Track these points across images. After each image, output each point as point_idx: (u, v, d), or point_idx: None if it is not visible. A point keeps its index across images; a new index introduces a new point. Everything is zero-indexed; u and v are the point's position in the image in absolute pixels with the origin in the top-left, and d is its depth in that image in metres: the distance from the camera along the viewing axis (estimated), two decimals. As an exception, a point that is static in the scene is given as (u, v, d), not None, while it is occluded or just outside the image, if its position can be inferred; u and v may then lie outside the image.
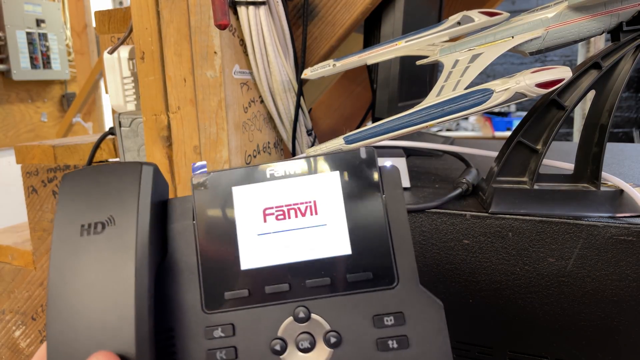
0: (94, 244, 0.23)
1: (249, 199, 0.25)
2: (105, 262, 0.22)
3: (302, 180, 0.25)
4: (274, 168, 0.25)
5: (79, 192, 0.24)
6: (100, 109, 2.17)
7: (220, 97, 0.53)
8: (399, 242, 0.24)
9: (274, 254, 0.24)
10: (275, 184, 0.25)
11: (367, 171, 0.25)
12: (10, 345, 0.79)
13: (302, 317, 0.23)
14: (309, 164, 0.25)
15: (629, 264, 0.37)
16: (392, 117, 0.40)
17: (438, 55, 0.45)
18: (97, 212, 0.23)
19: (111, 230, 0.23)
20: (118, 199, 0.24)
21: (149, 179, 0.24)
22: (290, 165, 0.25)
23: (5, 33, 1.93)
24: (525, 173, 0.42)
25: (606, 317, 0.38)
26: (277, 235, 0.25)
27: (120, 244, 0.23)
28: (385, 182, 0.25)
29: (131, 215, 0.23)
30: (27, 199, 0.74)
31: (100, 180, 0.24)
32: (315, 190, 0.25)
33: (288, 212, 0.25)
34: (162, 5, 0.53)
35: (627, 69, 0.39)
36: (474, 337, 0.43)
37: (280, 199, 0.25)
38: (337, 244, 0.24)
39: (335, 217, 0.24)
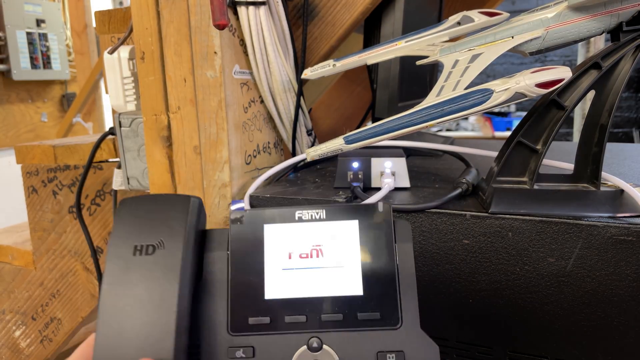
0: (145, 264, 0.26)
1: (278, 236, 0.28)
2: (153, 280, 0.25)
3: (325, 225, 0.28)
4: (302, 212, 0.29)
5: (134, 216, 0.28)
6: (100, 109, 2.17)
7: (220, 97, 0.53)
8: (406, 288, 0.27)
9: (295, 288, 0.27)
10: (302, 226, 0.29)
11: (383, 223, 0.28)
12: (11, 345, 0.79)
13: (315, 346, 0.26)
14: (332, 211, 0.29)
15: (629, 264, 0.37)
16: (392, 117, 0.40)
17: (438, 55, 0.45)
18: (150, 235, 0.27)
19: (161, 253, 0.26)
20: (169, 226, 0.27)
21: (195, 211, 0.28)
22: (317, 210, 0.29)
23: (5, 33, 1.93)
24: (525, 173, 0.42)
25: (606, 317, 0.38)
26: (299, 272, 0.28)
27: (168, 266, 0.26)
28: (398, 235, 0.28)
29: (179, 241, 0.26)
30: (27, 199, 0.74)
31: (154, 207, 0.28)
32: (335, 235, 0.28)
33: (311, 252, 0.28)
34: (162, 6, 0.53)
35: (627, 69, 0.39)
36: (473, 337, 0.43)
37: (305, 240, 0.28)
38: (351, 284, 0.27)
39: (351, 261, 0.28)
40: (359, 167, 0.49)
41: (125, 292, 0.25)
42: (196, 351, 0.26)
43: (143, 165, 0.62)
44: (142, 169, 0.63)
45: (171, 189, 0.58)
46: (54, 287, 0.75)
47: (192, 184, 0.56)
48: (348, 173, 0.50)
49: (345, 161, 0.50)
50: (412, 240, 0.28)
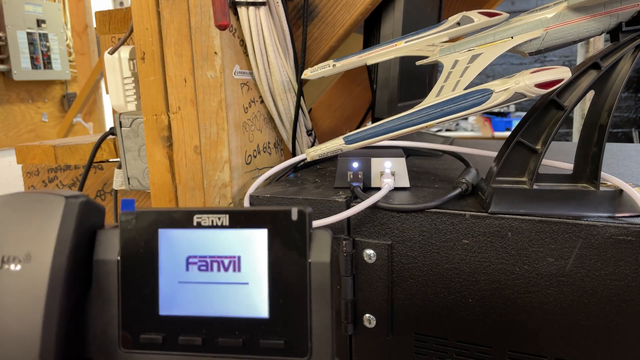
0: (11, 279, 0.23)
1: (174, 243, 0.25)
2: (19, 299, 0.23)
3: (229, 233, 0.24)
4: (201, 216, 0.24)
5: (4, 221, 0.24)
6: (100, 109, 2.18)
7: (221, 98, 0.53)
8: (319, 313, 0.23)
9: (192, 305, 0.24)
10: (203, 233, 0.24)
11: (296, 234, 0.24)
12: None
13: None
14: (238, 217, 0.24)
15: (628, 264, 0.37)
16: (392, 117, 0.40)
17: (438, 55, 0.45)
18: (17, 246, 0.23)
19: (27, 268, 0.23)
20: (37, 235, 0.24)
21: (73, 215, 0.24)
22: (219, 215, 0.24)
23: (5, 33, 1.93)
24: (524, 173, 0.42)
25: (605, 317, 0.38)
26: (197, 286, 0.24)
27: (34, 285, 0.23)
28: (314, 248, 0.24)
29: (47, 255, 0.23)
30: (27, 199, 0.74)
31: (24, 210, 0.24)
32: (241, 245, 0.24)
33: (211, 264, 0.24)
34: (163, 6, 0.53)
35: (626, 69, 0.39)
36: (473, 337, 0.43)
37: (205, 249, 0.24)
38: (255, 305, 0.24)
39: (257, 277, 0.24)
40: (358, 167, 0.49)
41: None
42: None
43: (143, 165, 0.62)
44: (143, 169, 0.63)
45: (171, 189, 0.58)
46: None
47: (192, 184, 0.56)
48: (348, 173, 0.50)
49: (345, 161, 0.50)
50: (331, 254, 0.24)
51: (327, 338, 0.23)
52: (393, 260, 0.45)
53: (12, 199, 0.25)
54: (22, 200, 0.25)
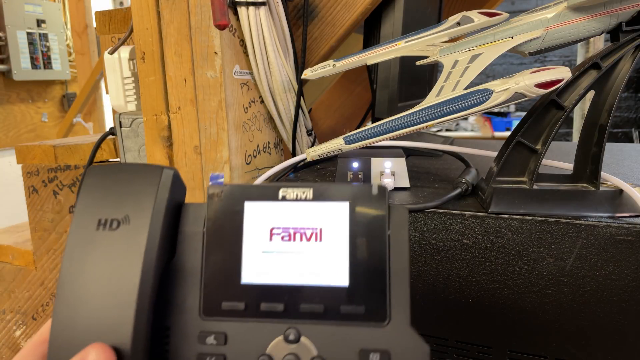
0: (108, 240, 0.24)
1: (258, 215, 0.26)
2: (115, 258, 0.24)
3: (312, 205, 0.25)
4: (287, 190, 0.26)
5: (101, 187, 0.25)
6: (100, 109, 2.18)
7: (221, 97, 0.53)
8: (397, 281, 0.24)
9: (274, 273, 0.25)
10: (287, 205, 0.25)
11: (377, 207, 0.25)
12: (11, 345, 0.79)
13: (291, 338, 0.24)
14: (320, 190, 0.25)
15: (628, 264, 0.37)
16: (392, 117, 0.40)
17: (438, 55, 0.45)
18: (115, 209, 0.25)
19: (125, 229, 0.24)
20: (135, 200, 0.25)
21: (168, 184, 0.25)
22: (303, 189, 0.26)
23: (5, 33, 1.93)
24: (524, 173, 0.42)
25: (606, 317, 0.38)
26: (280, 256, 0.25)
27: (131, 244, 0.24)
28: (393, 221, 0.25)
29: (145, 218, 0.24)
30: (27, 199, 0.74)
31: (122, 178, 0.25)
32: (323, 217, 0.25)
33: (294, 234, 0.25)
34: (163, 6, 0.53)
35: (626, 69, 0.39)
36: (473, 337, 0.43)
37: (289, 221, 0.25)
38: (336, 273, 0.25)
39: (338, 247, 0.25)
40: (358, 167, 0.49)
41: (84, 270, 0.23)
42: (166, 333, 0.25)
43: (143, 165, 0.62)
44: (143, 169, 0.63)
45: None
46: (54, 287, 0.75)
47: (192, 184, 0.56)
48: (348, 173, 0.50)
49: (345, 161, 0.50)
50: (408, 228, 0.25)
51: (405, 304, 0.24)
52: (393, 260, 0.45)
53: (110, 169, 0.26)
54: (119, 169, 0.26)
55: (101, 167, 0.26)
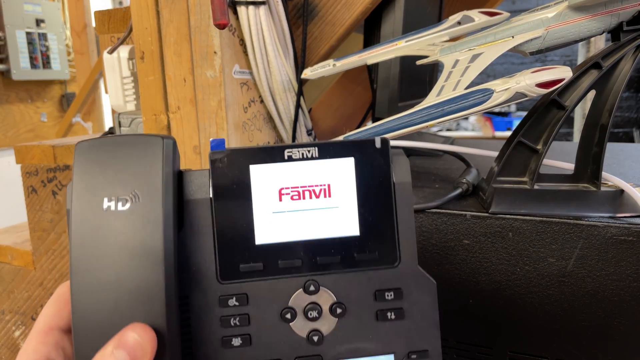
0: (119, 220, 0.23)
1: (266, 178, 0.26)
2: (132, 238, 0.23)
3: (318, 163, 0.26)
4: (292, 150, 0.26)
5: (99, 163, 0.24)
6: (100, 108, 2.18)
7: (220, 97, 0.53)
8: (404, 226, 0.26)
9: (287, 231, 0.26)
10: (293, 166, 0.26)
11: (380, 160, 0.26)
12: (10, 346, 0.79)
13: (312, 289, 0.25)
14: (325, 148, 0.26)
15: (629, 264, 0.37)
16: (392, 117, 0.40)
17: (438, 55, 0.45)
18: (121, 187, 0.23)
19: (136, 207, 0.23)
20: (142, 175, 0.24)
21: (170, 154, 0.25)
22: (308, 148, 0.26)
23: (5, 33, 1.93)
24: (525, 173, 0.41)
25: (606, 317, 0.38)
26: (291, 214, 0.26)
27: (147, 221, 0.23)
28: (396, 172, 0.27)
29: (156, 193, 0.23)
30: (26, 199, 0.74)
31: (120, 153, 0.24)
32: (330, 174, 0.26)
33: (303, 193, 0.26)
34: (162, 5, 0.53)
35: (627, 69, 0.38)
36: (474, 337, 0.43)
37: (297, 180, 0.26)
38: (347, 225, 0.26)
39: (347, 201, 0.26)
40: (359, 167, 0.49)
41: (99, 254, 0.22)
42: (184, 302, 0.25)
43: (143, 165, 0.62)
44: (142, 169, 0.62)
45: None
46: (53, 287, 0.75)
47: (191, 184, 0.56)
48: (348, 173, 0.50)
49: (345, 161, 0.50)
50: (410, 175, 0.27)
51: (412, 245, 0.26)
52: (393, 261, 0.45)
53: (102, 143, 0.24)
54: (113, 142, 0.24)
55: (92, 142, 0.24)
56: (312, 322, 0.25)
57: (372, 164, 0.26)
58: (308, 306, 0.25)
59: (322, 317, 0.25)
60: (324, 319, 0.25)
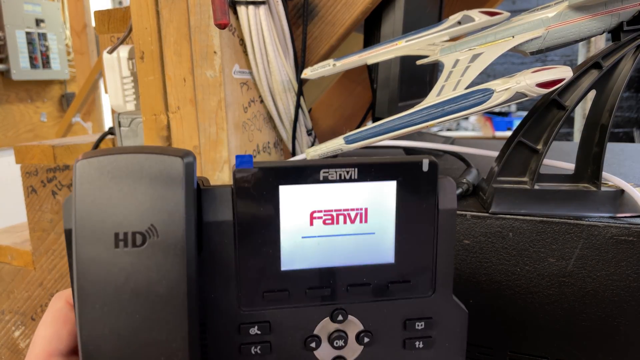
0: (134, 258, 0.20)
1: (297, 199, 0.23)
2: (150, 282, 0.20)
3: (357, 186, 0.24)
4: (328, 170, 0.23)
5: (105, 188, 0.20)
6: (99, 108, 2.17)
7: (220, 97, 0.53)
8: (443, 256, 0.25)
9: (317, 258, 0.24)
10: (328, 187, 0.23)
11: (426, 184, 0.24)
12: (10, 346, 0.79)
13: (340, 319, 0.24)
14: (366, 169, 0.23)
15: (629, 264, 0.37)
16: (393, 117, 0.40)
17: (438, 54, 0.45)
18: (134, 220, 0.20)
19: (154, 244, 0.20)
20: (160, 205, 0.20)
21: (192, 177, 0.21)
22: (347, 168, 0.23)
23: (4, 33, 1.93)
24: (525, 173, 0.41)
25: (607, 318, 0.38)
26: (321, 240, 0.24)
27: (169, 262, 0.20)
28: (441, 198, 0.24)
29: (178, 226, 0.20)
30: (26, 199, 0.74)
31: (130, 174, 0.20)
32: (368, 197, 0.24)
33: (337, 217, 0.24)
34: (162, 5, 0.53)
35: (627, 69, 0.38)
36: (474, 338, 0.43)
37: (331, 203, 0.24)
38: (382, 252, 0.24)
39: (384, 226, 0.24)
40: (359, 167, 0.49)
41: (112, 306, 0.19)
42: (202, 329, 0.23)
43: (143, 165, 0.62)
44: (142, 169, 0.62)
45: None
46: (53, 288, 0.75)
47: (191, 184, 0.56)
48: (348, 173, 0.49)
49: (345, 161, 0.49)
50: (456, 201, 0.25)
51: (449, 276, 0.25)
52: (393, 261, 0.45)
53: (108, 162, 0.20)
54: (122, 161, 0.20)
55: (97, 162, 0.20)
56: (337, 351, 0.24)
57: (417, 188, 0.24)
58: (334, 334, 0.24)
59: (347, 345, 0.24)
60: (350, 347, 0.24)
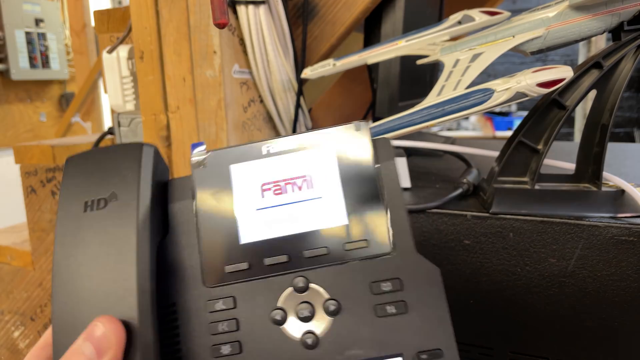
0: (98, 219, 0.24)
1: (246, 175, 0.26)
2: (108, 234, 0.23)
3: (298, 155, 0.26)
4: (270, 144, 0.26)
5: (82, 172, 0.25)
6: (99, 108, 2.17)
7: (220, 97, 0.53)
8: (394, 210, 0.25)
9: (272, 228, 0.25)
10: (273, 160, 0.26)
11: (361, 144, 0.25)
12: (9, 346, 0.79)
13: (301, 286, 0.24)
14: (305, 140, 0.26)
15: (630, 265, 0.37)
16: (393, 117, 0.40)
17: (439, 54, 0.45)
18: (100, 189, 0.24)
19: (114, 205, 0.24)
20: (120, 176, 0.24)
21: (150, 158, 0.25)
22: (287, 141, 0.26)
23: (4, 32, 1.93)
24: (526, 173, 0.41)
25: (607, 318, 0.38)
26: (275, 210, 0.25)
27: (123, 217, 0.23)
28: (379, 154, 0.26)
29: (132, 190, 0.24)
30: (26, 199, 0.74)
31: (102, 160, 0.25)
32: (311, 164, 0.25)
33: (285, 186, 0.25)
34: (162, 5, 0.53)
35: (628, 69, 0.38)
36: (474, 338, 0.43)
37: (278, 175, 0.25)
38: (333, 215, 0.25)
39: (331, 190, 0.25)
40: (359, 167, 0.49)
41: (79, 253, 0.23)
42: (172, 310, 0.24)
43: (142, 165, 0.62)
44: (142, 169, 0.62)
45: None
46: (53, 288, 0.75)
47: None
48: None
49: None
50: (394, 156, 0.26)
51: (406, 231, 0.24)
52: (393, 261, 0.45)
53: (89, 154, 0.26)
54: (98, 152, 0.26)
55: (80, 154, 0.26)
56: (305, 323, 0.24)
57: (353, 150, 0.25)
58: (299, 305, 0.24)
59: (315, 317, 0.24)
60: (318, 319, 0.24)
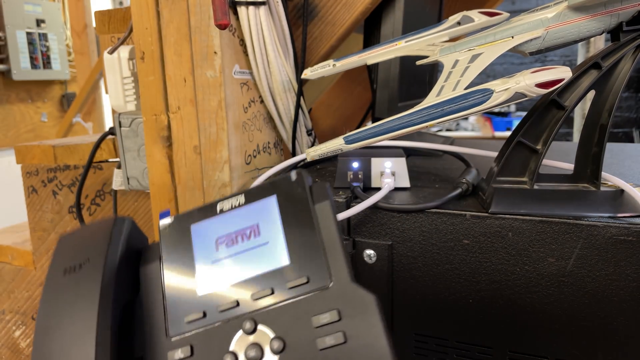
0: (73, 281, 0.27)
1: (204, 232, 0.29)
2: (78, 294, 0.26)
3: (246, 208, 0.29)
4: (223, 203, 0.29)
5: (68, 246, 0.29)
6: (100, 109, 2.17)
7: (220, 97, 0.53)
8: (331, 246, 0.26)
9: (225, 276, 0.27)
10: (225, 216, 0.29)
11: (298, 190, 0.28)
12: (10, 345, 0.79)
13: (248, 327, 0.25)
14: (250, 194, 0.29)
15: (629, 264, 0.37)
16: (392, 117, 0.40)
17: (438, 55, 0.45)
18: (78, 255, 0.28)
19: (85, 268, 0.27)
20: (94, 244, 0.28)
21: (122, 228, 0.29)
22: (237, 198, 0.29)
23: (5, 33, 1.93)
24: (525, 173, 0.42)
25: (606, 317, 0.38)
26: (227, 260, 0.28)
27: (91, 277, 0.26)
28: (315, 197, 0.28)
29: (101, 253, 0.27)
30: (27, 199, 0.74)
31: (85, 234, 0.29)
32: (257, 215, 0.28)
33: (236, 237, 0.28)
34: (162, 5, 0.53)
35: (627, 69, 0.38)
36: (474, 337, 0.43)
37: (229, 228, 0.28)
38: (277, 257, 0.27)
39: (275, 235, 0.28)
40: (359, 167, 0.49)
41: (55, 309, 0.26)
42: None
43: (143, 165, 0.62)
44: (142, 169, 0.63)
45: (171, 189, 0.58)
46: (53, 287, 0.75)
47: (192, 184, 0.56)
48: (348, 173, 0.50)
49: (345, 161, 0.50)
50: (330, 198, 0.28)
51: (342, 263, 0.26)
52: (393, 261, 0.45)
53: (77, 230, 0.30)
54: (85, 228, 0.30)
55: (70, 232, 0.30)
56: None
57: (291, 196, 0.28)
58: (248, 347, 0.25)
59: (264, 357, 0.24)
60: (267, 359, 0.24)
